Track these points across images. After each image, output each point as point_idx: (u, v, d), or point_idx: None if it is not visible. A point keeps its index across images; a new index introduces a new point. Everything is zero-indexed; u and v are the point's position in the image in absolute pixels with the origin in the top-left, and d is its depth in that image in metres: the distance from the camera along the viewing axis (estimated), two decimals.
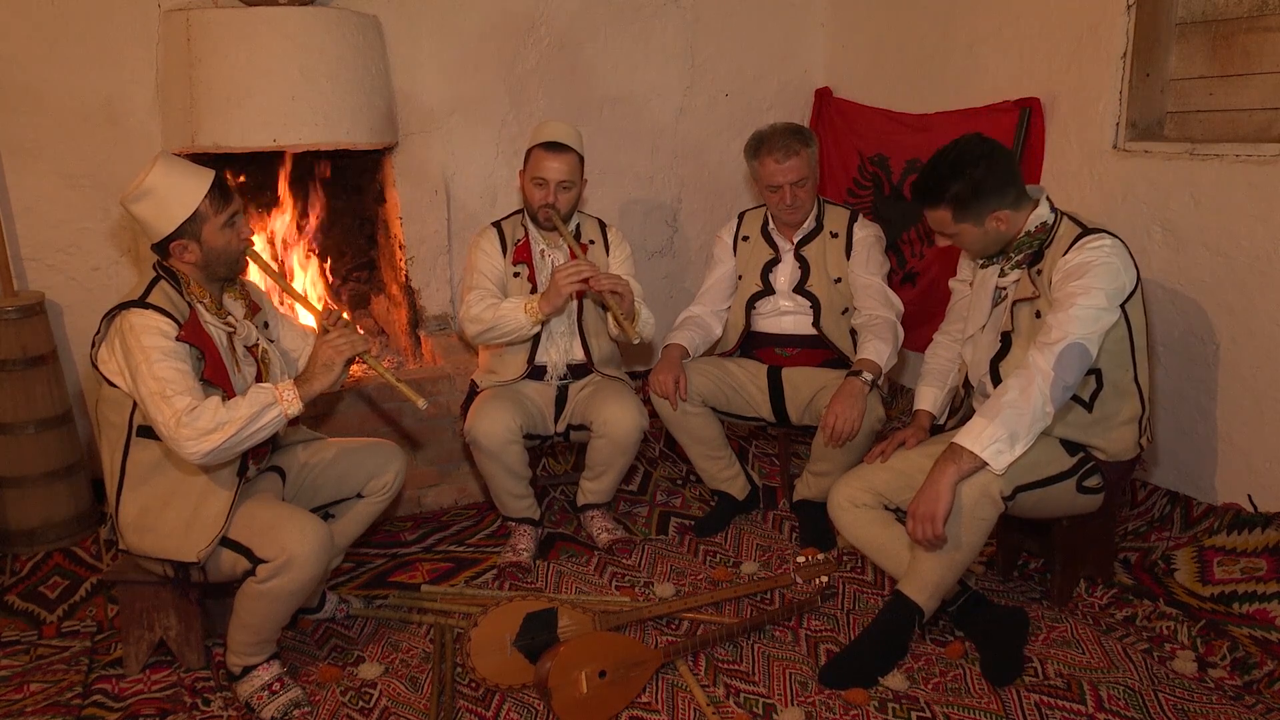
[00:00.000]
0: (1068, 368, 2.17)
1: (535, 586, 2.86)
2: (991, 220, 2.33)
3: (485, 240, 3.06)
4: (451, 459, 3.39)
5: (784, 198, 2.99)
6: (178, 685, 2.40)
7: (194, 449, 2.10)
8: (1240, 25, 2.71)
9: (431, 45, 3.51)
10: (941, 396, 2.70)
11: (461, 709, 2.29)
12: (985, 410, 2.21)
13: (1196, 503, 2.77)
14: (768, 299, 3.12)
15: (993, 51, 3.31)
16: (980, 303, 2.53)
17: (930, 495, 2.20)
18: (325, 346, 2.29)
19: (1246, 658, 2.31)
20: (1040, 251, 2.35)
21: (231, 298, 2.41)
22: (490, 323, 2.89)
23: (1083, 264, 2.22)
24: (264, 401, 2.17)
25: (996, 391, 2.24)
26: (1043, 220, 2.36)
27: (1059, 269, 2.26)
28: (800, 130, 3.02)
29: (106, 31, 3.11)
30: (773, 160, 2.95)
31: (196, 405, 2.11)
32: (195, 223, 2.22)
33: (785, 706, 2.26)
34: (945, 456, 2.22)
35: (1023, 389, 2.17)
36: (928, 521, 2.19)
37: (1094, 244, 2.24)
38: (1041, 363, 2.17)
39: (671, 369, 2.99)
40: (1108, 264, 2.21)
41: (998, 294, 2.48)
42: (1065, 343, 2.16)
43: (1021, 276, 2.39)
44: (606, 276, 2.84)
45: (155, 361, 2.12)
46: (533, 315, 2.85)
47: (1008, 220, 2.34)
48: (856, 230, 3.08)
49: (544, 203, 2.93)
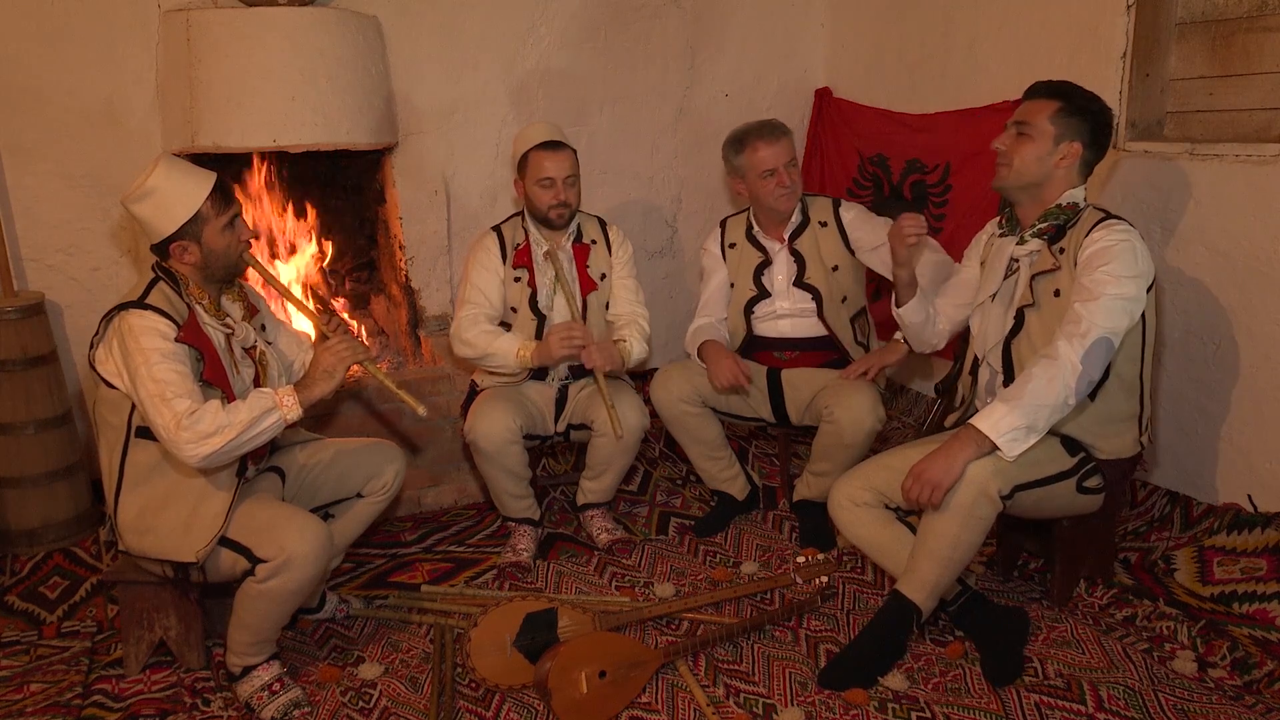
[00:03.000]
0: (1094, 362, 2.17)
1: (535, 586, 2.86)
2: (1065, 147, 2.33)
3: (483, 248, 3.04)
4: (451, 459, 3.39)
5: (781, 180, 2.98)
6: (178, 685, 2.40)
7: (193, 452, 2.11)
8: (1240, 25, 2.71)
9: (431, 45, 3.51)
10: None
11: (461, 709, 2.29)
12: (1007, 395, 2.21)
13: (1196, 503, 2.77)
14: (764, 303, 3.11)
15: (993, 52, 3.31)
16: (993, 271, 2.53)
17: (943, 466, 2.20)
18: (326, 353, 2.29)
19: (1246, 658, 2.31)
20: (1063, 229, 2.35)
21: (230, 299, 2.41)
22: (482, 352, 2.91)
23: (1108, 247, 2.22)
24: (264, 406, 2.17)
25: (1020, 379, 2.23)
26: (1075, 200, 2.37)
27: (1084, 248, 2.26)
28: (776, 121, 3.05)
29: (106, 32, 3.11)
30: (763, 144, 2.96)
31: (196, 409, 2.11)
32: (196, 224, 2.22)
33: (785, 706, 2.26)
34: (963, 436, 2.22)
35: (1049, 380, 2.16)
36: (930, 488, 2.19)
37: (1119, 227, 2.26)
38: (1072, 355, 2.16)
39: (725, 356, 2.97)
40: (1133, 248, 2.22)
41: (1011, 265, 2.47)
42: (1094, 336, 2.16)
43: (1041, 249, 2.39)
44: (600, 351, 2.85)
45: (154, 364, 2.12)
46: (523, 362, 2.89)
47: (1071, 162, 2.34)
48: (844, 214, 3.08)
49: (555, 202, 2.94)
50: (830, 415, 2.84)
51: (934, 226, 3.51)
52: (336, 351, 2.29)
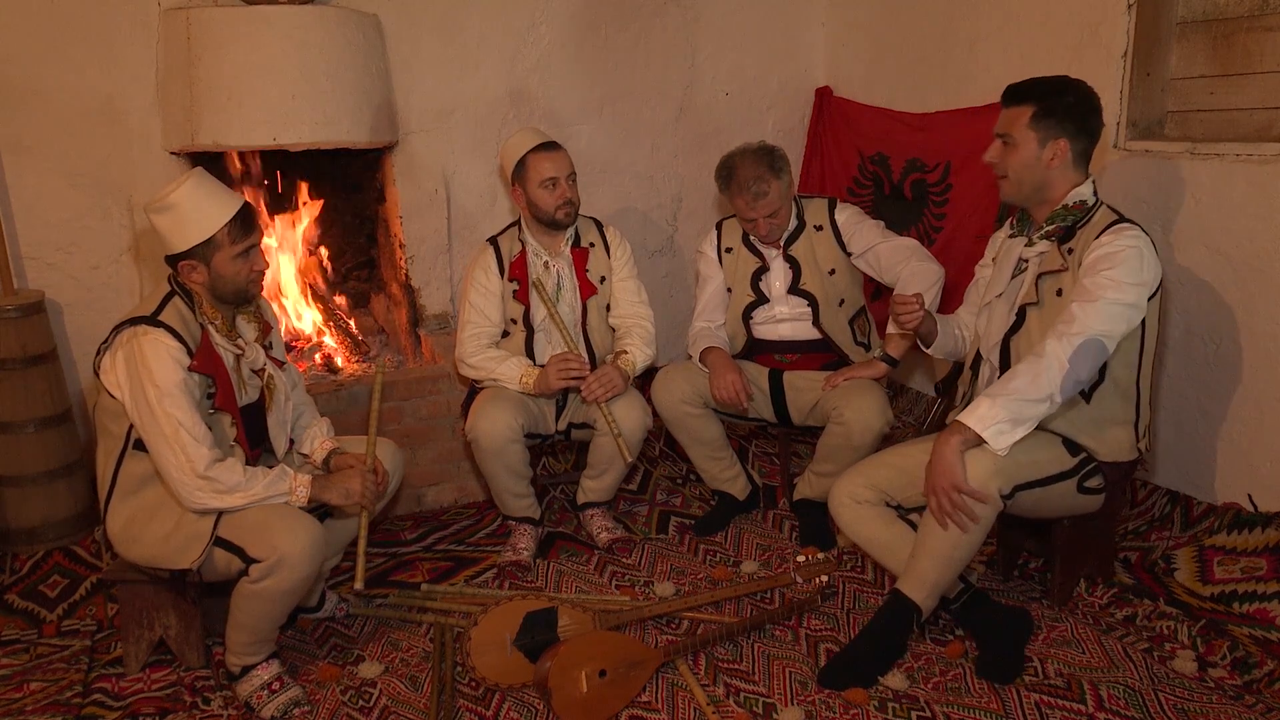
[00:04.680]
0: (1083, 362, 2.16)
1: (535, 586, 2.86)
2: (1052, 147, 2.31)
3: (480, 267, 3.04)
4: (451, 458, 3.39)
5: (759, 228, 2.99)
6: (177, 684, 2.40)
7: (201, 501, 2.17)
8: (1241, 25, 2.71)
9: (432, 44, 3.51)
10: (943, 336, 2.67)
11: (461, 708, 2.29)
12: (991, 391, 2.21)
13: (1196, 502, 2.77)
14: (763, 308, 3.11)
15: (993, 51, 3.31)
16: (1001, 271, 2.52)
17: (942, 468, 2.19)
18: (356, 482, 2.36)
19: (1246, 657, 2.31)
20: (1073, 230, 2.34)
21: (245, 320, 2.41)
22: (487, 375, 2.96)
23: (1115, 252, 2.21)
24: (280, 490, 2.24)
25: (1006, 375, 2.23)
26: (1083, 199, 2.35)
27: (1091, 250, 2.25)
28: (771, 156, 2.95)
29: (106, 30, 3.10)
30: (743, 201, 2.94)
31: (219, 460, 2.16)
32: (208, 248, 2.22)
33: (785, 706, 2.26)
34: (947, 429, 2.22)
35: (1033, 376, 2.16)
36: (951, 492, 2.18)
37: (1129, 232, 2.24)
38: (1059, 353, 2.16)
39: (729, 369, 2.97)
40: (1140, 255, 2.21)
41: (1019, 265, 2.46)
42: (1085, 337, 2.15)
43: (1050, 249, 2.38)
44: (599, 381, 2.86)
45: (168, 395, 2.13)
46: (524, 389, 2.93)
47: (1062, 160, 2.32)
48: (838, 215, 3.07)
49: (561, 201, 2.94)
50: (839, 417, 2.83)
51: (934, 226, 3.51)
52: (358, 490, 2.36)
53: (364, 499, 2.36)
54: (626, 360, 2.98)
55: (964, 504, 2.19)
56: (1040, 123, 2.32)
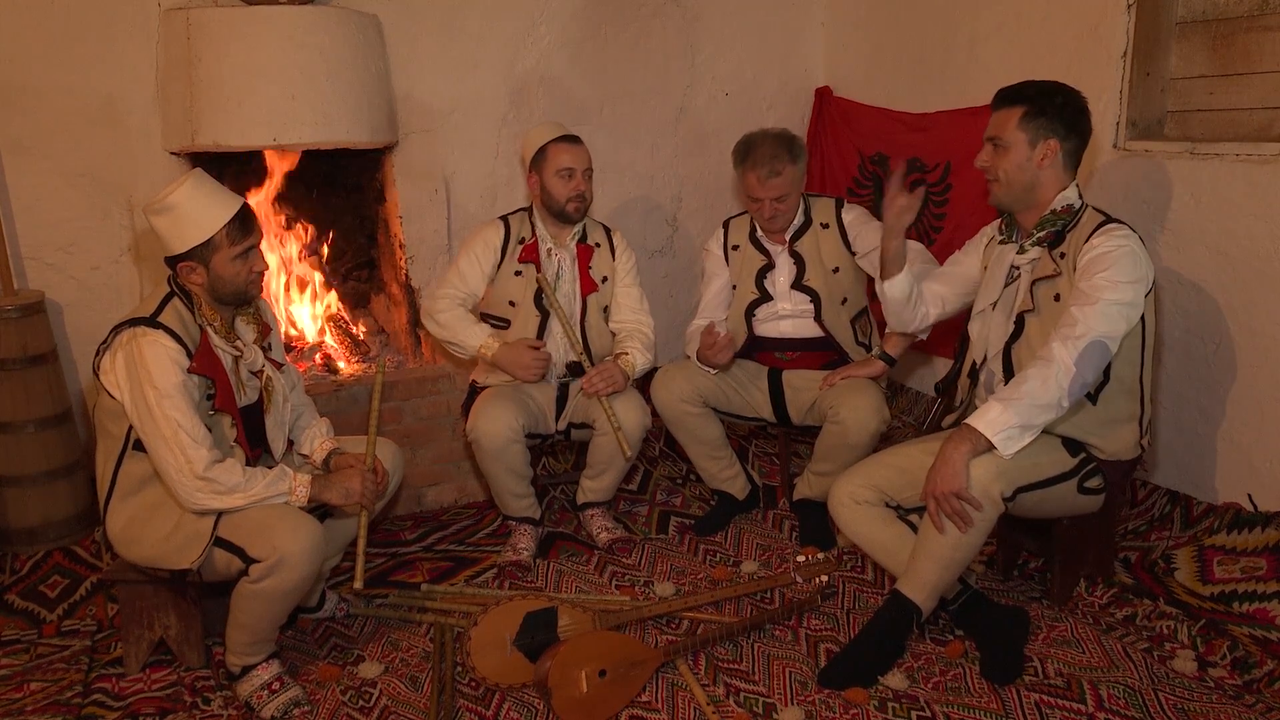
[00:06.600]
0: (1088, 365, 2.17)
1: (535, 586, 2.87)
2: (1043, 148, 2.32)
3: (483, 240, 3.04)
4: (451, 458, 3.39)
5: (764, 210, 2.98)
6: (178, 684, 2.40)
7: (203, 503, 2.17)
8: (1240, 25, 2.71)
9: (432, 44, 3.51)
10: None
11: (461, 708, 2.29)
12: (1002, 395, 2.21)
13: (1196, 502, 2.77)
14: (766, 305, 3.11)
15: (993, 51, 3.31)
16: (993, 279, 2.53)
17: (948, 473, 2.19)
18: (356, 482, 2.37)
19: (1246, 657, 2.31)
20: (1062, 234, 2.35)
21: (244, 321, 2.41)
22: (451, 334, 2.98)
23: (1107, 253, 2.22)
24: (280, 490, 2.24)
25: (1016, 380, 2.23)
26: (1069, 203, 2.36)
27: (1084, 253, 2.26)
28: (790, 142, 2.97)
29: (106, 31, 3.10)
30: (754, 177, 2.94)
31: (218, 461, 2.16)
32: (207, 249, 2.22)
33: (785, 706, 2.26)
34: (957, 435, 2.22)
35: (1043, 381, 2.16)
36: (953, 498, 2.19)
37: (1119, 232, 2.25)
38: (1065, 357, 2.16)
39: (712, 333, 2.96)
40: (1133, 253, 2.22)
41: (1011, 273, 2.47)
42: (1089, 339, 2.16)
43: (1041, 255, 2.38)
44: (600, 375, 2.88)
45: (166, 396, 2.14)
46: (480, 358, 2.98)
47: (1052, 160, 2.33)
48: (845, 215, 3.07)
49: (574, 193, 2.95)
50: (836, 416, 2.84)
51: (934, 226, 3.51)
52: (358, 489, 2.36)
53: (364, 499, 2.37)
54: (626, 361, 2.99)
55: (963, 509, 2.19)
56: (1030, 123, 2.33)
